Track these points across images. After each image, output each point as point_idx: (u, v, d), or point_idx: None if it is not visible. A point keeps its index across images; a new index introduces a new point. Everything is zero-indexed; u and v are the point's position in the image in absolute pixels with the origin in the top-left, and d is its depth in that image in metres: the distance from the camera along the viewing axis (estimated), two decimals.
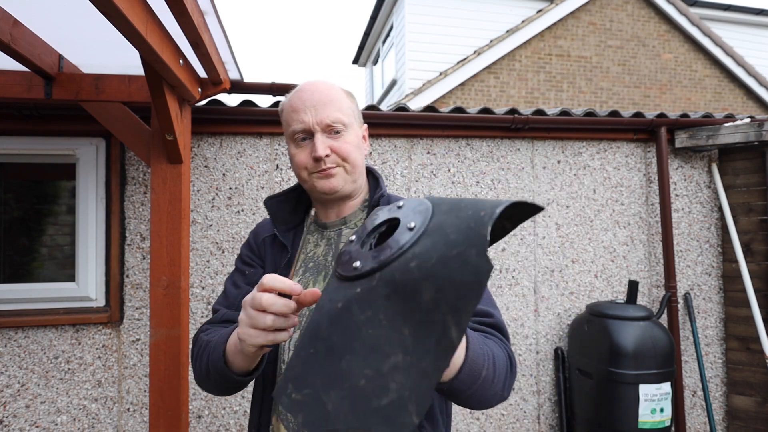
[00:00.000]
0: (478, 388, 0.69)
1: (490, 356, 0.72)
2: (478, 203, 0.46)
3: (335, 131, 0.92)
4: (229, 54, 1.99)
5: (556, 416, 2.80)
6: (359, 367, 0.43)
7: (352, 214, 0.99)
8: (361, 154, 0.98)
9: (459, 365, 0.65)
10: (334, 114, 0.91)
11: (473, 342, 0.68)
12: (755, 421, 2.81)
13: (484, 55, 7.07)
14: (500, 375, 0.74)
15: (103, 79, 1.85)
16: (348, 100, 0.97)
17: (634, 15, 7.78)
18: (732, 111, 7.28)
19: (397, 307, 0.43)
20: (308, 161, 0.92)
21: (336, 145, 0.92)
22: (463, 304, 0.40)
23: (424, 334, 0.41)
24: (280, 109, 0.99)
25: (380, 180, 1.03)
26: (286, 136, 0.97)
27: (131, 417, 2.36)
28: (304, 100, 0.92)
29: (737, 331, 2.91)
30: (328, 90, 0.94)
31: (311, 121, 0.90)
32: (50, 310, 2.33)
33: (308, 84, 0.95)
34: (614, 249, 2.93)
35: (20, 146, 2.33)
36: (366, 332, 0.44)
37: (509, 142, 2.85)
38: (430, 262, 0.43)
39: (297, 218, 1.03)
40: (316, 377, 0.46)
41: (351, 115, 0.96)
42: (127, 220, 2.41)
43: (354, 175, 0.96)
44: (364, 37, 9.97)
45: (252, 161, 2.54)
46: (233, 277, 1.03)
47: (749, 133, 2.76)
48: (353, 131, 0.96)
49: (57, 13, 1.52)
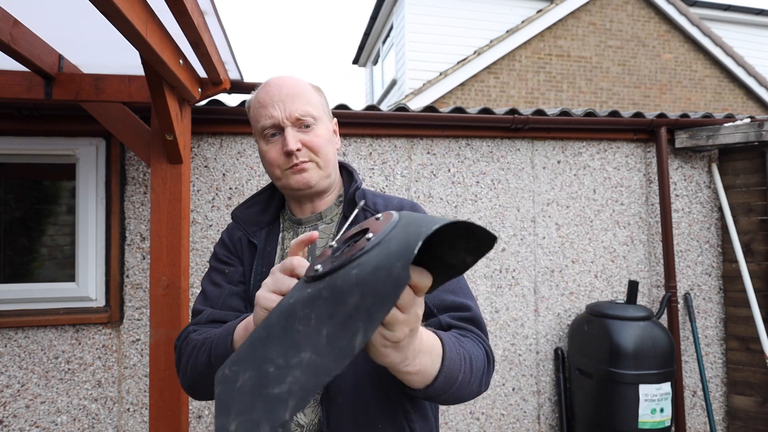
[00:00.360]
0: (454, 392, 0.70)
1: (467, 359, 0.72)
2: (428, 220, 0.47)
3: (305, 125, 0.91)
4: (229, 54, 1.99)
5: (556, 416, 2.80)
6: (275, 356, 0.47)
7: (328, 209, 0.98)
8: (332, 148, 0.96)
9: (434, 375, 0.65)
10: (303, 107, 0.90)
11: (449, 348, 0.68)
12: (755, 421, 2.81)
13: (484, 55, 7.07)
14: (477, 375, 0.74)
15: (103, 79, 1.85)
16: (316, 94, 0.96)
17: (634, 15, 7.78)
18: (732, 111, 7.28)
19: (328, 309, 0.46)
20: (279, 157, 0.91)
21: (307, 139, 0.90)
22: (375, 311, 0.41)
23: (336, 337, 0.43)
24: (247, 107, 0.97)
25: (354, 174, 1.01)
26: (255, 134, 0.95)
27: (131, 417, 2.36)
28: (271, 95, 0.90)
29: (737, 331, 2.91)
30: (296, 84, 0.93)
31: (280, 116, 0.89)
32: (50, 310, 2.33)
33: (275, 79, 0.93)
34: (614, 249, 2.93)
35: (20, 146, 2.33)
36: (297, 327, 0.48)
37: (509, 142, 2.85)
38: (366, 270, 0.45)
39: (268, 217, 1.02)
40: (248, 358, 0.50)
41: (320, 108, 0.94)
42: (127, 220, 2.41)
43: (327, 170, 0.94)
44: (364, 37, 9.97)
45: (252, 161, 2.54)
46: (211, 276, 1.00)
47: (749, 133, 2.76)
48: (323, 125, 0.94)
49: (57, 13, 1.52)
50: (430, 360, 0.64)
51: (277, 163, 0.92)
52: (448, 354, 0.67)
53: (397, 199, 0.99)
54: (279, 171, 0.92)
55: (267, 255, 0.96)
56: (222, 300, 0.95)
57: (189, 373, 0.86)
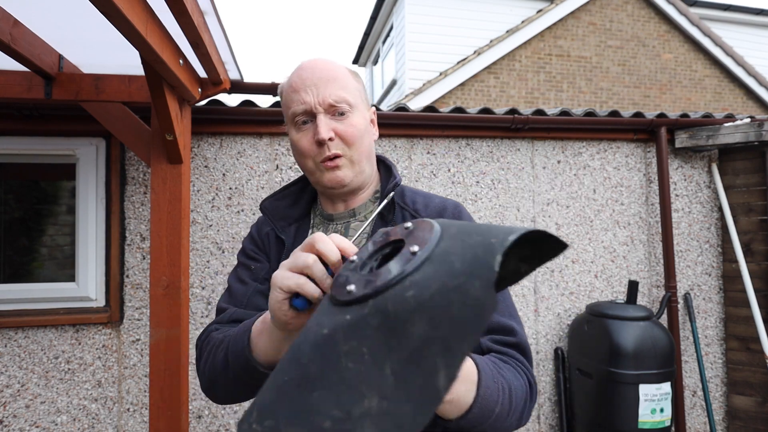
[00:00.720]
0: (490, 425, 0.63)
1: (506, 390, 0.66)
2: (491, 229, 0.42)
3: (339, 112, 0.83)
4: (229, 54, 1.99)
5: (556, 416, 2.80)
6: (328, 406, 0.37)
7: (362, 205, 0.91)
8: (369, 139, 0.88)
9: (468, 404, 0.59)
10: (337, 93, 0.82)
11: (485, 376, 0.62)
12: (755, 421, 2.81)
13: (484, 55, 7.07)
14: (517, 408, 0.67)
15: (103, 79, 1.85)
16: (353, 79, 0.87)
17: (634, 15, 7.78)
18: (732, 111, 7.28)
19: (385, 340, 0.38)
20: (311, 147, 0.83)
21: (341, 129, 0.82)
22: (457, 344, 0.35)
23: (408, 376, 0.36)
24: (279, 91, 0.89)
25: (393, 169, 0.93)
26: (287, 120, 0.87)
27: (131, 417, 2.36)
28: (304, 79, 0.83)
29: (737, 331, 2.91)
30: (331, 67, 0.84)
31: (313, 101, 0.81)
32: (50, 310, 2.33)
33: (309, 61, 0.85)
34: (614, 249, 2.93)
35: (20, 146, 2.33)
36: (345, 365, 0.39)
37: (509, 142, 2.85)
38: (428, 292, 0.38)
39: (298, 211, 0.95)
40: (283, 408, 0.40)
41: (357, 95, 0.86)
42: (127, 220, 2.41)
43: (361, 165, 0.86)
44: (364, 37, 9.97)
45: (252, 161, 2.54)
46: (237, 272, 0.94)
47: (749, 133, 2.76)
48: (360, 113, 0.86)
49: (57, 13, 1.52)
50: (465, 388, 0.59)
51: (309, 154, 0.84)
52: (484, 383, 0.62)
53: (438, 198, 0.90)
54: (312, 163, 0.84)
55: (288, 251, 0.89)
56: (247, 298, 0.89)
57: (207, 373, 0.80)
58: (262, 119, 2.50)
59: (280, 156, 2.58)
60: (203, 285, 2.46)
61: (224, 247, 2.49)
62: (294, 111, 0.83)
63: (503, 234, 0.39)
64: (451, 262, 0.40)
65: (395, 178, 0.90)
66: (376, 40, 9.78)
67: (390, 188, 0.88)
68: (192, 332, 2.42)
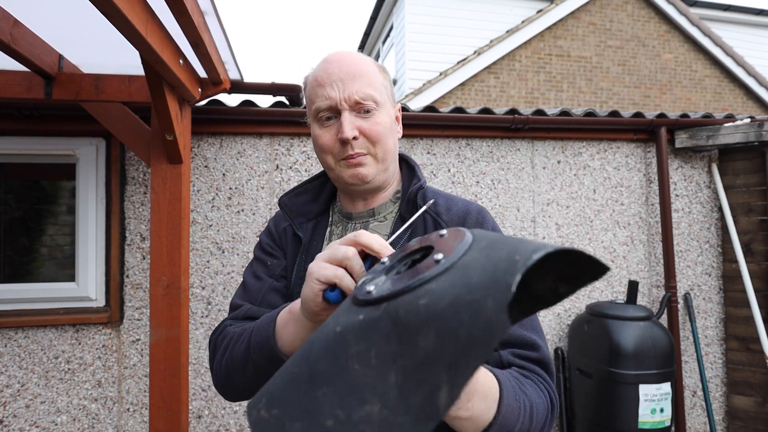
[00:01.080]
0: None
1: (527, 408, 0.64)
2: (521, 244, 0.38)
3: (365, 110, 0.80)
4: (229, 54, 2.00)
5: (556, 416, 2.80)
6: (332, 405, 0.38)
7: (382, 205, 0.88)
8: (394, 138, 0.85)
9: (487, 422, 0.58)
10: (364, 90, 0.79)
11: (507, 393, 0.61)
12: (755, 421, 2.81)
13: (484, 55, 7.07)
14: (537, 425, 0.65)
15: (103, 79, 1.85)
16: (381, 75, 0.84)
17: (634, 15, 7.78)
18: (732, 111, 7.29)
19: (392, 347, 0.38)
20: (333, 144, 0.80)
21: (366, 127, 0.79)
22: (463, 361, 0.33)
23: (410, 388, 0.35)
24: (303, 83, 0.86)
25: (416, 169, 0.90)
26: (309, 115, 0.84)
27: (131, 417, 2.36)
28: (330, 73, 0.79)
29: (737, 331, 2.91)
30: (359, 62, 0.81)
31: (338, 97, 0.78)
32: (50, 310, 2.33)
33: (336, 54, 0.82)
34: (614, 249, 2.92)
35: (20, 146, 2.33)
36: (352, 367, 0.39)
37: (509, 142, 2.85)
38: (441, 304, 0.37)
39: (318, 208, 0.92)
40: (289, 400, 0.40)
41: (383, 92, 0.83)
42: (127, 220, 2.41)
43: (386, 163, 0.84)
44: (364, 37, 9.97)
45: (252, 161, 2.54)
46: (253, 267, 0.91)
47: (749, 133, 2.76)
48: (386, 111, 0.83)
49: (57, 13, 1.52)
50: (485, 405, 0.57)
51: (330, 151, 0.81)
52: (505, 400, 0.59)
53: (462, 201, 0.88)
54: (332, 160, 0.82)
55: (312, 250, 0.87)
56: (262, 295, 0.86)
57: (224, 367, 0.77)
58: (262, 119, 2.50)
59: (280, 156, 2.58)
60: (203, 285, 2.46)
61: (224, 247, 2.49)
62: (318, 106, 0.80)
63: (529, 251, 0.36)
64: (470, 276, 0.38)
65: (419, 180, 0.87)
66: (376, 40, 9.78)
67: (414, 190, 0.86)
68: (192, 332, 2.42)
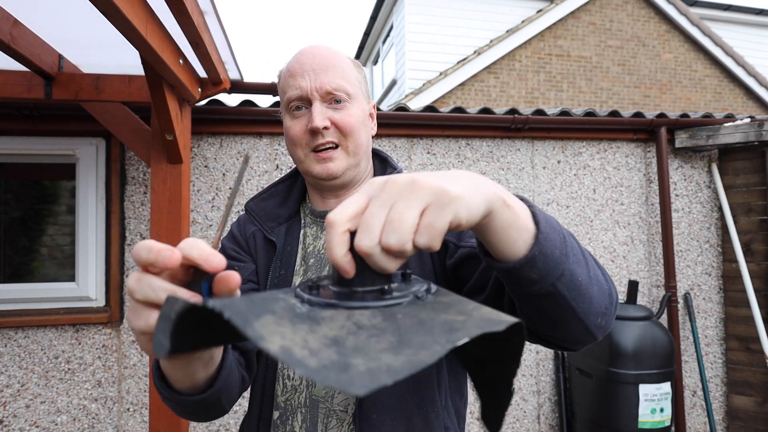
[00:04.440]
0: (571, 263, 0.50)
1: (576, 246, 0.53)
2: (452, 324, 0.33)
3: (336, 100, 0.78)
4: (229, 54, 2.00)
5: (556, 416, 2.80)
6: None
7: None
8: (366, 132, 0.83)
9: (532, 216, 0.48)
10: (336, 80, 0.78)
11: (541, 218, 0.49)
12: (755, 421, 2.81)
13: (484, 55, 7.07)
14: (597, 277, 0.54)
15: (103, 79, 1.85)
16: (354, 69, 0.83)
17: (634, 15, 7.78)
18: (732, 111, 7.28)
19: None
20: (303, 135, 0.78)
21: (337, 118, 0.78)
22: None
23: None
24: (278, 76, 0.85)
25: (389, 159, 0.88)
26: (282, 107, 0.83)
27: (131, 417, 2.36)
28: (302, 64, 0.79)
29: (737, 331, 2.91)
30: (332, 54, 0.80)
31: (309, 87, 0.77)
32: (50, 310, 2.33)
33: (309, 47, 0.82)
34: (614, 249, 2.92)
35: (20, 146, 2.33)
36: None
37: (509, 142, 2.85)
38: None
39: (287, 211, 0.88)
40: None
41: (357, 85, 0.82)
42: (127, 220, 2.41)
43: (357, 158, 0.81)
44: (364, 37, 9.97)
45: (252, 161, 2.54)
46: None
47: (749, 133, 2.76)
48: (358, 104, 0.81)
49: (57, 13, 1.52)
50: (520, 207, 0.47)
51: (300, 142, 0.79)
52: (541, 218, 0.49)
53: None
54: (302, 152, 0.80)
55: (287, 255, 0.83)
56: None
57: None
58: (262, 119, 2.50)
59: (280, 156, 2.58)
60: None
61: None
62: (289, 96, 0.79)
63: (437, 344, 0.31)
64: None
65: (394, 168, 0.86)
66: (376, 40, 9.78)
67: None
68: None
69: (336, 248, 0.37)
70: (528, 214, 0.48)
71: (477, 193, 0.41)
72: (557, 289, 0.49)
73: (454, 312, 0.35)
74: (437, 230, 0.37)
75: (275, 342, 0.30)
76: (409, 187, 0.38)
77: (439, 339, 0.32)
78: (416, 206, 0.37)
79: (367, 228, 0.37)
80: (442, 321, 0.34)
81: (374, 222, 0.37)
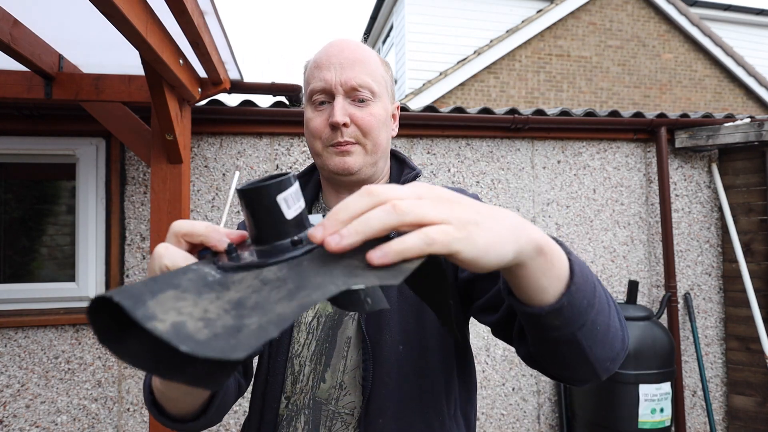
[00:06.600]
0: (597, 314, 0.50)
1: (599, 287, 0.54)
2: (355, 269, 0.35)
3: (360, 99, 0.77)
4: (229, 54, 2.00)
5: (556, 416, 2.80)
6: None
7: None
8: (386, 133, 0.81)
9: (567, 261, 0.47)
10: (362, 77, 0.76)
11: (576, 262, 0.49)
12: (755, 421, 2.81)
13: (484, 55, 7.06)
14: (614, 314, 0.54)
15: (103, 79, 1.85)
16: (382, 68, 0.82)
17: (634, 15, 7.77)
18: (732, 111, 7.28)
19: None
20: (323, 129, 0.77)
21: (358, 115, 0.76)
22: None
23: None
24: (304, 66, 0.84)
25: (407, 161, 0.87)
26: (305, 98, 0.81)
27: (131, 417, 2.36)
28: (330, 56, 0.77)
29: (737, 331, 2.91)
30: (361, 50, 0.79)
31: (333, 81, 0.75)
32: (50, 310, 2.33)
33: (339, 40, 0.80)
34: (614, 249, 2.92)
35: (20, 146, 2.33)
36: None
37: (509, 142, 2.85)
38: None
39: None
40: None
41: (383, 84, 0.80)
42: (127, 220, 2.41)
43: (375, 157, 0.79)
44: (364, 37, 9.96)
45: (252, 161, 2.54)
46: None
47: (749, 133, 2.76)
48: (382, 104, 0.79)
49: (57, 13, 1.52)
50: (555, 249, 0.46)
51: (319, 135, 0.77)
52: (576, 263, 0.48)
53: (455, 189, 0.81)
54: (320, 145, 0.78)
55: None
56: None
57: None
58: (262, 119, 2.50)
59: (280, 156, 2.58)
60: None
61: None
62: (313, 88, 0.77)
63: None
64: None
65: (413, 170, 0.84)
66: (376, 40, 9.78)
67: (410, 180, 0.82)
68: None
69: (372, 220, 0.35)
70: (565, 262, 0.47)
71: (506, 241, 0.39)
72: (576, 337, 0.49)
73: (360, 257, 0.35)
74: (426, 244, 0.34)
75: (167, 320, 0.29)
76: (449, 198, 0.38)
77: (336, 281, 0.33)
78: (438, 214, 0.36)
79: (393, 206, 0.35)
80: (345, 264, 0.35)
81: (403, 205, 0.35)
